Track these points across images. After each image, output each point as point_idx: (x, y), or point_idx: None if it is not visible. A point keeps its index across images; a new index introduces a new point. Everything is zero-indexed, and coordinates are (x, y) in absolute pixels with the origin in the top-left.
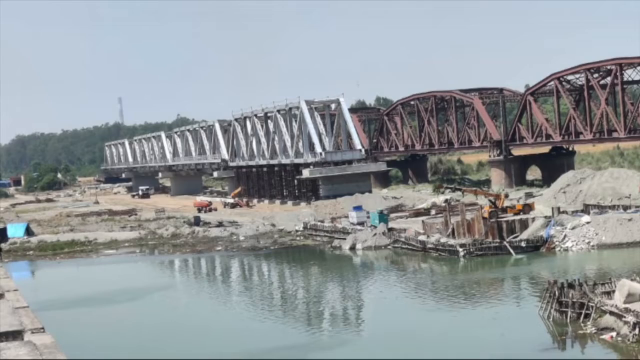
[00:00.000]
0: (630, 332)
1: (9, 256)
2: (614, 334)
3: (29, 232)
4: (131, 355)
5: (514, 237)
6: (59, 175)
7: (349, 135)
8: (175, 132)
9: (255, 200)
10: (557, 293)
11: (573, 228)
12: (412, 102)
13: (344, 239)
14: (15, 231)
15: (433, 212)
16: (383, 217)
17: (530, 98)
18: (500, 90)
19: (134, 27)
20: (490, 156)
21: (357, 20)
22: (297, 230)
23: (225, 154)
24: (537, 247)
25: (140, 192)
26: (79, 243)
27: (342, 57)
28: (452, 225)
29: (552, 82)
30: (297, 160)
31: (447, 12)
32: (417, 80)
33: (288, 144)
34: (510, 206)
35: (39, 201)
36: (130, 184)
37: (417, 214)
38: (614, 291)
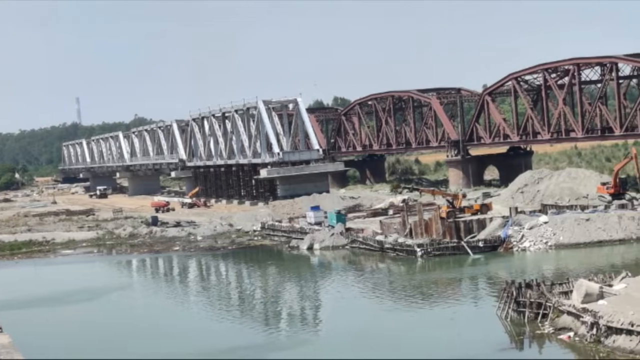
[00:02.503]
0: (587, 332)
1: None
2: (571, 334)
3: None
4: (89, 355)
5: (471, 237)
6: (17, 175)
7: (306, 135)
8: (133, 132)
9: (212, 200)
10: (514, 293)
11: (531, 228)
12: (369, 102)
13: (302, 239)
14: None
15: (391, 212)
16: (341, 217)
17: (488, 98)
18: (458, 90)
19: (92, 26)
20: (447, 156)
21: (314, 20)
22: (254, 230)
23: (182, 154)
24: (495, 247)
25: (97, 192)
26: (37, 243)
27: (300, 57)
28: (409, 225)
29: (509, 82)
30: (254, 160)
31: (405, 12)
32: (374, 80)
33: (246, 144)
34: (468, 206)
35: None
36: (88, 184)
37: (375, 214)
38: (571, 291)
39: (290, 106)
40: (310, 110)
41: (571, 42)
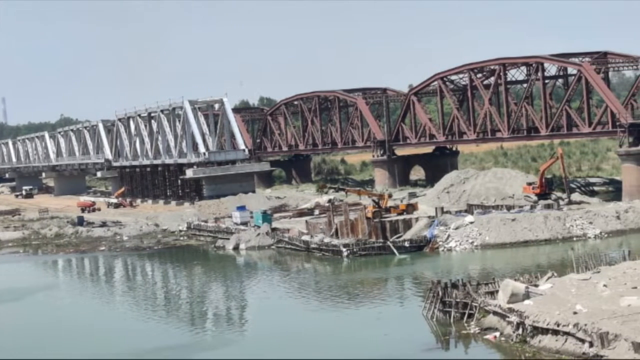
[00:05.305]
0: (513, 332)
1: None
2: (497, 334)
3: None
4: (13, 355)
5: (397, 237)
6: None
7: (232, 135)
8: (59, 132)
9: (138, 200)
10: (440, 293)
11: (456, 228)
12: (295, 102)
13: (228, 239)
14: None
15: (316, 212)
16: (266, 217)
17: (414, 98)
18: (384, 90)
19: (17, 26)
20: (373, 156)
21: (240, 19)
22: (180, 231)
23: (108, 154)
24: (421, 247)
25: (23, 192)
26: None
27: (225, 57)
28: (335, 225)
29: (435, 82)
30: (180, 160)
31: (330, 11)
32: (300, 80)
33: (172, 144)
34: (394, 206)
35: None
36: (14, 184)
37: (301, 214)
38: (497, 291)
39: (216, 106)
40: (236, 110)
41: (496, 42)
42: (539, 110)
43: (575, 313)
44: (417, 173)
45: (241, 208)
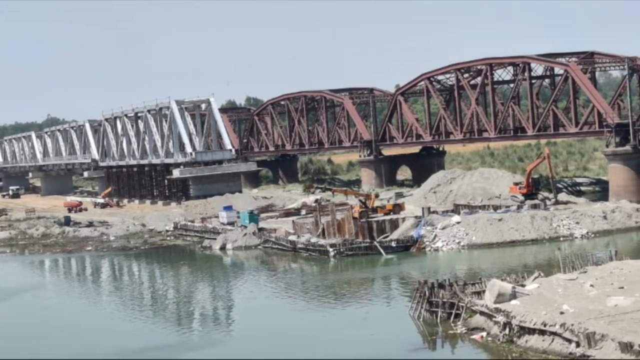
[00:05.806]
0: (500, 332)
1: None
2: (484, 334)
3: None
4: (1, 355)
5: (384, 237)
6: None
7: (219, 135)
8: (46, 132)
9: (125, 200)
10: (427, 293)
11: (443, 228)
12: (282, 102)
13: (214, 239)
14: None
15: (303, 212)
16: (253, 217)
17: (401, 98)
18: (371, 90)
19: (3, 25)
20: (360, 156)
21: (227, 20)
22: (167, 230)
23: (95, 154)
24: (408, 247)
25: (10, 192)
26: None
27: (212, 57)
28: (322, 225)
29: (422, 82)
30: (167, 160)
31: (316, 12)
32: (287, 80)
33: (158, 144)
34: (381, 206)
35: None
36: (0, 184)
37: (288, 214)
38: (484, 291)
39: (203, 106)
40: (222, 110)
41: (483, 42)
42: (526, 110)
43: (562, 313)
44: (404, 173)
45: (228, 208)
